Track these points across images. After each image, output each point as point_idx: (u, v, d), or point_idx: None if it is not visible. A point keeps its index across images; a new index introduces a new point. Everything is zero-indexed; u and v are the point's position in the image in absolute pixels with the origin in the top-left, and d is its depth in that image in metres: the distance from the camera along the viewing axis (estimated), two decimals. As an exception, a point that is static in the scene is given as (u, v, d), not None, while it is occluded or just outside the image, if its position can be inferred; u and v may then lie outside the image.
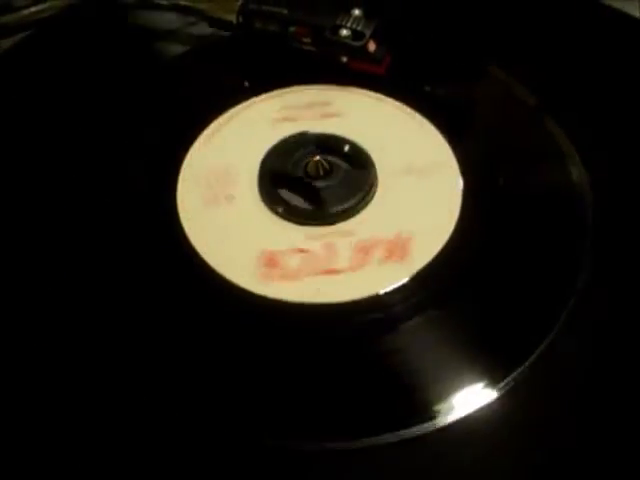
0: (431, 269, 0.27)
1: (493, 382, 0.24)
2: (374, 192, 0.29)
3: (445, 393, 0.24)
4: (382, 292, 0.26)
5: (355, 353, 0.25)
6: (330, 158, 0.29)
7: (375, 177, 0.29)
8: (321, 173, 0.29)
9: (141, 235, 0.29)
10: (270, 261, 0.27)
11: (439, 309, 0.26)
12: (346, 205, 0.28)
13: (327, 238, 0.28)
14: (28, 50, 0.36)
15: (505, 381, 0.24)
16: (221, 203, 0.29)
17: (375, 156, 0.30)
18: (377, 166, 0.30)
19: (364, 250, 0.27)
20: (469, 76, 0.34)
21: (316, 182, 0.29)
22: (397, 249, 0.27)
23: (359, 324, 0.26)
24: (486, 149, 0.31)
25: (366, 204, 0.29)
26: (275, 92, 0.33)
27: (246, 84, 0.33)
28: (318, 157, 0.29)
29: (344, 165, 0.30)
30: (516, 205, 0.29)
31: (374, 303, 0.26)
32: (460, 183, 0.29)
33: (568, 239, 0.28)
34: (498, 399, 0.24)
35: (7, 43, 0.35)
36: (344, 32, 0.32)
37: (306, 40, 0.32)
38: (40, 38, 0.36)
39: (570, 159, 0.30)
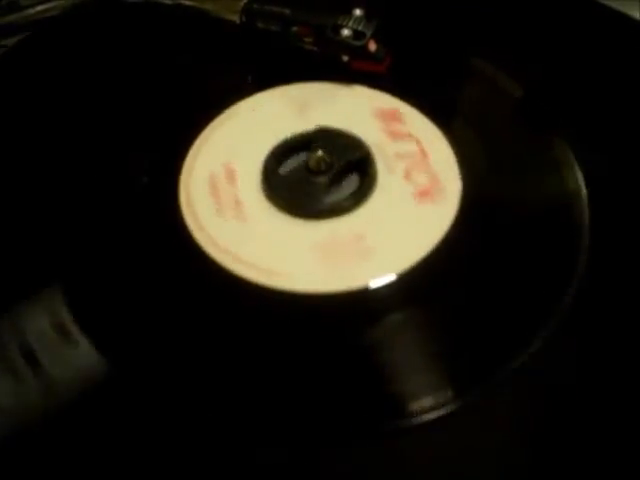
0: (423, 268, 0.27)
1: (475, 383, 0.25)
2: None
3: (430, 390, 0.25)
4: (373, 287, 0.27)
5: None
6: (332, 154, 0.30)
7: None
8: (323, 168, 0.29)
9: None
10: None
11: (430, 306, 0.27)
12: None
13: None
14: (32, 49, 0.36)
15: (483, 385, 0.25)
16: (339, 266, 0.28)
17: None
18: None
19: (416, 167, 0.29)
20: (466, 77, 0.34)
21: (330, 174, 0.29)
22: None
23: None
24: (484, 150, 0.31)
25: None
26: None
27: (249, 80, 0.34)
28: (320, 152, 0.29)
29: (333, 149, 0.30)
30: (512, 209, 0.30)
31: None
32: (458, 184, 0.30)
33: (564, 246, 0.28)
34: (480, 400, 0.24)
35: (13, 42, 0.36)
36: (345, 32, 0.32)
37: (308, 40, 0.33)
38: (44, 37, 0.36)
39: (567, 163, 0.30)
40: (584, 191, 0.29)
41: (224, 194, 0.29)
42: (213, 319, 0.27)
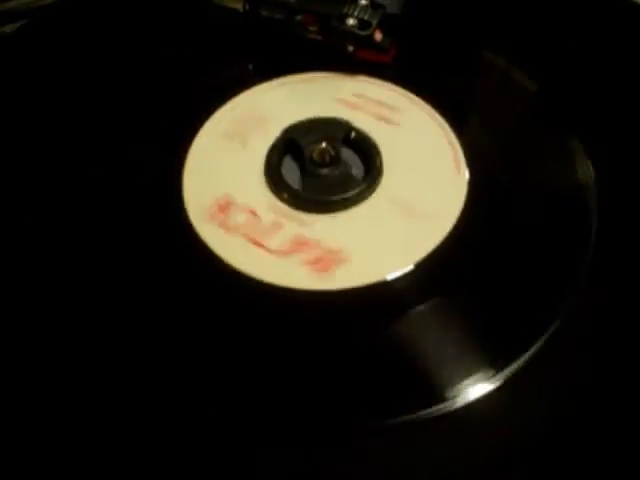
0: (435, 257, 0.27)
1: (493, 372, 0.24)
2: (366, 195, 0.29)
3: (447, 381, 0.24)
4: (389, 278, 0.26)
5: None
6: (338, 146, 0.29)
7: (375, 182, 0.29)
8: (327, 160, 0.29)
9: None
10: (223, 206, 0.28)
11: (444, 297, 0.26)
12: (323, 198, 0.28)
13: (284, 217, 0.28)
14: (28, 37, 0.35)
15: (504, 372, 0.24)
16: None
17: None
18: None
19: (299, 245, 0.27)
20: (474, 67, 0.34)
21: (320, 169, 0.29)
22: (324, 262, 0.27)
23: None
24: (491, 140, 0.31)
25: (346, 207, 0.28)
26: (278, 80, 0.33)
27: (252, 70, 0.33)
28: (324, 144, 0.29)
29: (351, 156, 0.30)
30: (519, 198, 0.29)
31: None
32: (465, 173, 0.29)
33: (572, 232, 0.28)
34: (498, 389, 0.24)
35: (11, 29, 0.35)
36: (350, 21, 0.32)
37: (312, 29, 0.32)
38: (41, 24, 0.36)
39: (575, 153, 0.30)
40: (593, 184, 0.29)
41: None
42: (222, 317, 0.26)
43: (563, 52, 0.34)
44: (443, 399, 0.24)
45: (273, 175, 0.29)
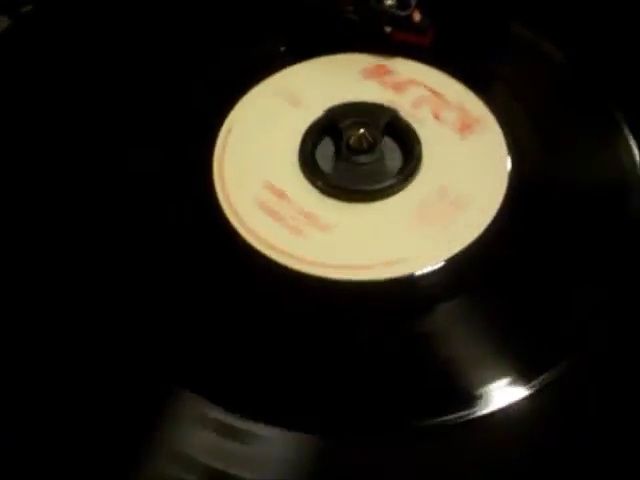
0: (471, 252, 0.26)
1: (529, 377, 0.23)
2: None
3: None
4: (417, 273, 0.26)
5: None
6: (375, 132, 0.28)
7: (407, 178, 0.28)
8: (365, 147, 0.28)
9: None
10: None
11: (477, 293, 0.26)
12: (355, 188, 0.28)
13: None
14: (35, 22, 0.35)
15: (540, 378, 0.23)
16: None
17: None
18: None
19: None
20: (514, 48, 0.32)
21: (356, 156, 0.28)
22: None
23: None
24: (533, 123, 0.30)
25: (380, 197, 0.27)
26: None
27: (283, 51, 0.32)
28: (362, 130, 0.28)
29: (389, 142, 0.29)
30: (563, 188, 0.28)
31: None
32: (507, 163, 0.28)
33: (618, 229, 0.27)
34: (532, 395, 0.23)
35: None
36: (389, 1, 0.30)
37: (349, 8, 0.31)
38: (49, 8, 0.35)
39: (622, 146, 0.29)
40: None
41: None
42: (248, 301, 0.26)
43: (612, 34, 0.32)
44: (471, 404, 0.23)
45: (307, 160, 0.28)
